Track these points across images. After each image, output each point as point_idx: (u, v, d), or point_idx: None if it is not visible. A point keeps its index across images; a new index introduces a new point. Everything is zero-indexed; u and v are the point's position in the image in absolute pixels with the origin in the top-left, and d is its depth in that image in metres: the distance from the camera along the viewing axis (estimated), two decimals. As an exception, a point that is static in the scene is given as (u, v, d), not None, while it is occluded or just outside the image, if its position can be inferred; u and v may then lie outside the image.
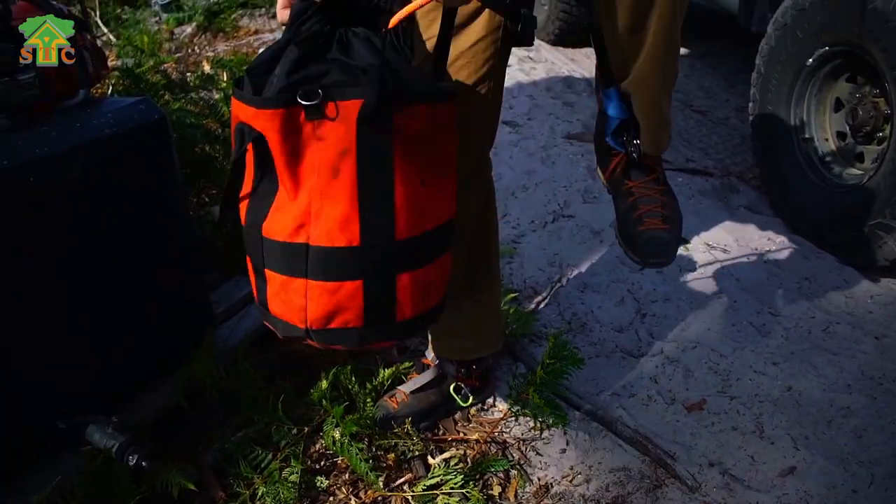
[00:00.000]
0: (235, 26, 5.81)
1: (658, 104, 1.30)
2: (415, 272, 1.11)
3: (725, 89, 3.66)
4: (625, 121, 1.33)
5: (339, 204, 1.04)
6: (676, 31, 1.22)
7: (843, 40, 2.18)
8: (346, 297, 1.07)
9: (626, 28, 1.19)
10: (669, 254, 1.37)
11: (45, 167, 1.35)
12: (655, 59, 1.22)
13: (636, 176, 1.40)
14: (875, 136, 2.21)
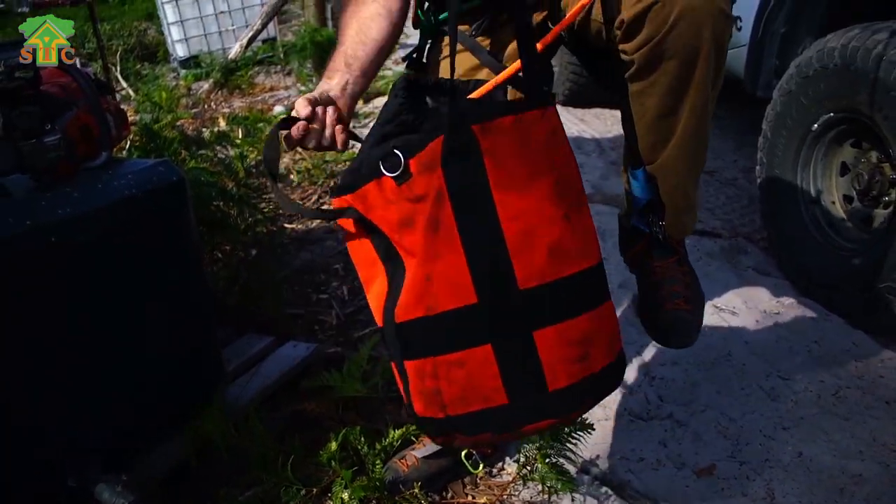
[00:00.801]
0: (251, 83, 5.94)
1: (684, 190, 1.30)
2: (559, 325, 0.96)
3: (733, 150, 3.70)
4: (650, 202, 1.35)
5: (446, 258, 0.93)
6: (706, 120, 1.21)
7: (846, 107, 2.22)
8: (477, 368, 0.95)
9: (657, 114, 1.19)
10: (692, 335, 1.36)
11: (68, 228, 1.39)
12: (684, 147, 1.22)
13: (660, 256, 1.40)
14: (881, 200, 2.23)
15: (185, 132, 3.92)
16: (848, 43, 2.16)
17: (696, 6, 1.05)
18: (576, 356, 0.97)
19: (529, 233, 0.93)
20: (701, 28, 1.07)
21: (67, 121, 1.53)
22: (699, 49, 1.09)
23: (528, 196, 0.94)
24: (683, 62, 1.10)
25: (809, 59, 2.33)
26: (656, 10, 1.06)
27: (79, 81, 1.62)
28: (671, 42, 1.07)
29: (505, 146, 0.93)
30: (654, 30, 1.07)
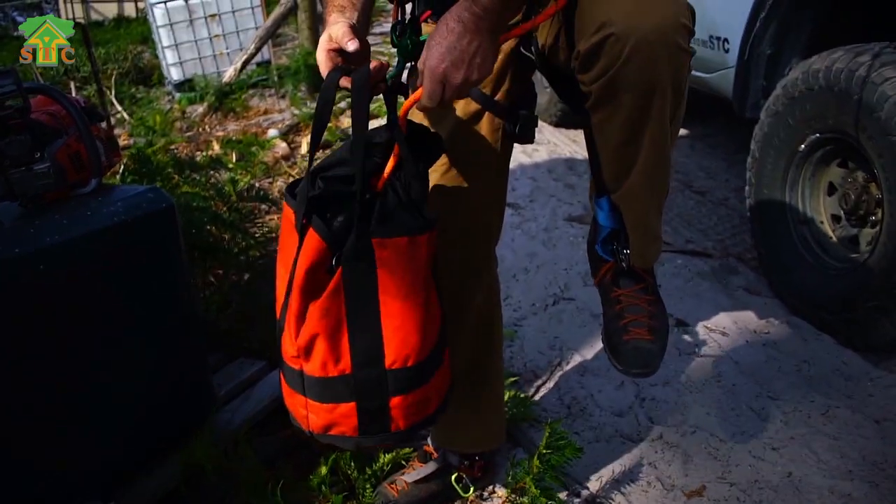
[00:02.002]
0: (246, 106, 5.97)
1: (646, 219, 1.30)
2: (408, 395, 1.19)
3: (725, 170, 3.73)
4: (615, 230, 1.34)
5: (332, 341, 1.15)
6: (667, 151, 1.22)
7: (832, 128, 2.24)
8: (341, 416, 1.18)
9: (617, 144, 1.20)
10: (652, 365, 1.36)
11: (56, 255, 1.40)
12: (645, 176, 1.22)
13: (625, 284, 1.39)
14: (868, 219, 2.25)
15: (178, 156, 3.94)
16: (832, 65, 2.19)
17: (651, 40, 1.05)
18: (415, 410, 1.21)
19: (400, 329, 1.15)
20: (656, 62, 1.06)
21: (57, 149, 1.54)
22: (655, 82, 1.08)
23: (405, 301, 1.15)
24: (640, 95, 1.10)
25: (795, 80, 2.35)
26: (611, 44, 1.05)
27: (69, 109, 1.63)
28: (626, 75, 1.07)
29: (395, 260, 1.14)
30: (608, 63, 1.07)
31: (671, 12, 1.06)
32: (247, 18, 7.45)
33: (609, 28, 1.04)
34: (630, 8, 1.05)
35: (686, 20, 1.08)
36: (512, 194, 3.40)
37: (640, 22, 1.04)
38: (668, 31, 1.05)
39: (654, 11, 1.05)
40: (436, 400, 1.26)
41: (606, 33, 1.05)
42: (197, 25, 7.29)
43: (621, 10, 1.05)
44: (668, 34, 1.06)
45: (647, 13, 1.04)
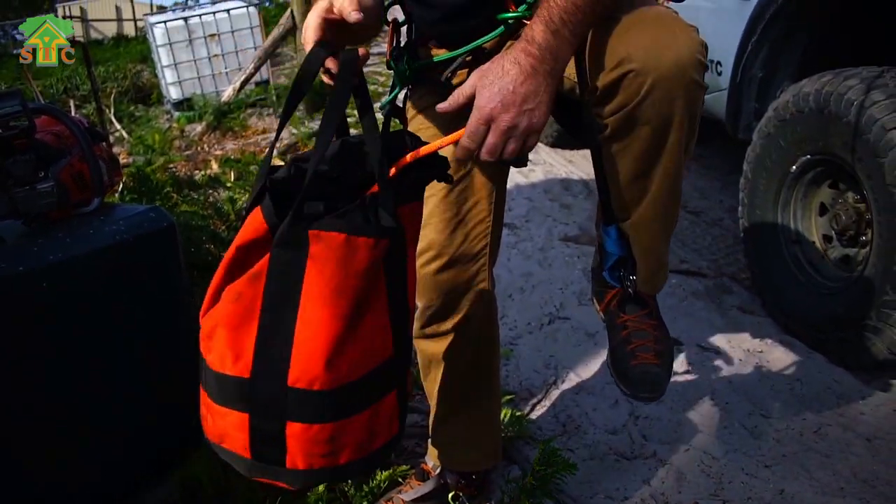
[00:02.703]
0: (244, 125, 6.01)
1: (656, 249, 1.32)
2: (311, 426, 0.99)
3: (719, 190, 3.76)
4: (622, 257, 1.37)
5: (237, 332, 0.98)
6: (679, 182, 1.23)
7: (822, 149, 2.28)
8: (232, 426, 1.01)
9: (630, 176, 1.21)
10: (660, 389, 1.38)
11: (59, 273, 1.42)
12: (656, 208, 1.24)
13: (631, 310, 1.42)
14: (859, 239, 2.28)
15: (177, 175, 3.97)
16: (822, 88, 2.23)
17: (669, 76, 1.07)
18: (318, 451, 1.00)
19: (313, 341, 0.96)
20: (674, 97, 1.09)
21: (61, 168, 1.57)
22: (672, 117, 1.11)
23: (327, 309, 0.97)
24: (656, 129, 1.12)
25: (786, 102, 2.39)
26: (630, 79, 1.08)
27: (73, 129, 1.66)
28: (645, 110, 1.09)
29: (326, 257, 0.96)
30: (627, 98, 1.09)
31: (688, 49, 1.08)
32: (246, 38, 7.53)
33: (629, 64, 1.06)
34: (649, 44, 1.07)
35: (702, 56, 1.10)
36: (508, 214, 3.43)
37: (660, 59, 1.06)
38: (687, 68, 1.08)
39: (673, 48, 1.07)
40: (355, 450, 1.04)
41: (626, 69, 1.07)
42: (196, 45, 7.35)
43: (640, 47, 1.07)
44: (687, 70, 1.08)
45: (665, 50, 1.07)
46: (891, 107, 2.01)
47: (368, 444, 1.05)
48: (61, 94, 8.52)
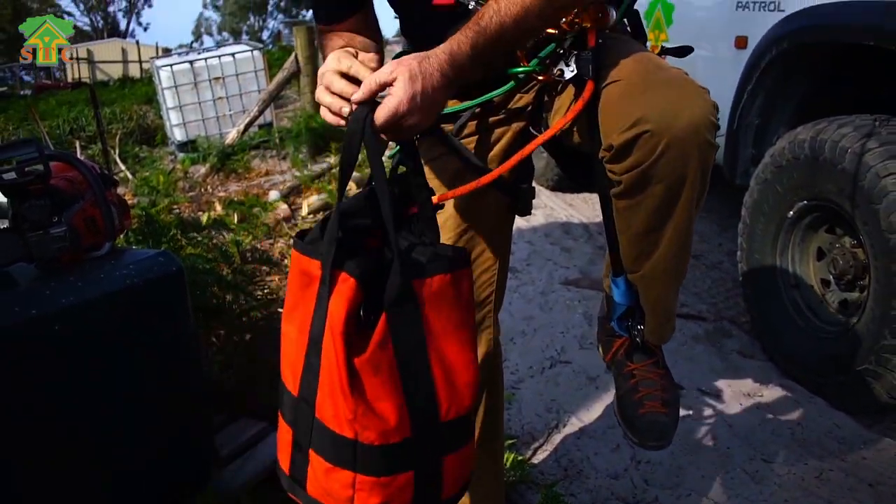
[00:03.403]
0: (248, 167, 6.07)
1: (665, 301, 1.33)
2: (460, 450, 1.08)
3: (718, 234, 3.81)
4: (630, 308, 1.39)
5: (388, 401, 1.01)
6: (689, 238, 1.25)
7: (818, 195, 2.32)
8: (397, 489, 1.03)
9: (642, 230, 1.22)
10: (667, 437, 1.40)
11: (71, 316, 1.44)
12: (667, 262, 1.25)
13: (638, 359, 1.44)
14: (857, 284, 2.31)
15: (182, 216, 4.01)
16: (817, 135, 2.28)
17: (684, 137, 1.09)
18: (461, 472, 1.09)
19: (451, 373, 1.04)
20: (688, 157, 1.11)
21: (74, 213, 1.60)
22: (685, 176, 1.13)
23: (453, 343, 1.05)
24: (670, 187, 1.14)
25: (782, 149, 2.44)
26: (645, 139, 1.09)
27: (86, 175, 1.69)
28: (659, 169, 1.11)
29: (441, 298, 1.04)
30: (642, 157, 1.11)
31: (702, 111, 1.10)
32: (250, 81, 7.64)
33: (644, 125, 1.09)
34: (664, 105, 1.09)
35: (714, 117, 1.12)
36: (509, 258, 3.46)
37: (675, 120, 1.08)
38: (700, 129, 1.10)
39: (687, 109, 1.09)
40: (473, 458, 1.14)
41: (641, 129, 1.09)
42: (201, 87, 7.46)
43: (656, 108, 1.09)
44: (700, 131, 1.10)
45: (680, 111, 1.09)
46: (884, 154, 2.05)
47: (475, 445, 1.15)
48: (67, 134, 8.61)
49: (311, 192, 4.94)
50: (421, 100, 1.08)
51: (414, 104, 1.07)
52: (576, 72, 1.22)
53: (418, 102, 1.08)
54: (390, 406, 1.00)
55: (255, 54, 7.69)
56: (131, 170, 6.60)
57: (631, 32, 1.44)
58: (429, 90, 1.08)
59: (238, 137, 6.63)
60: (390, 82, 1.08)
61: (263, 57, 7.85)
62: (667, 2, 3.29)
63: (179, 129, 7.40)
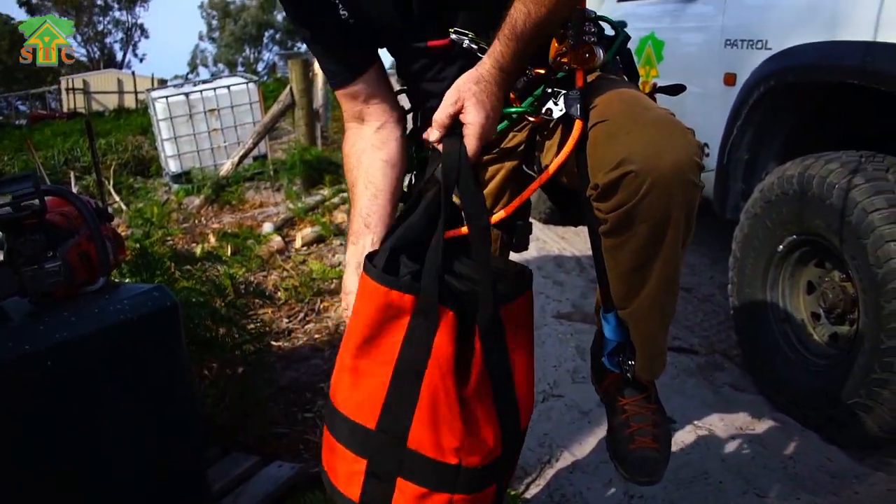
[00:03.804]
0: (242, 199, 6.09)
1: (654, 337, 1.35)
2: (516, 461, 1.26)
3: (709, 266, 3.83)
4: (621, 343, 1.40)
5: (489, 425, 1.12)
6: (677, 275, 1.27)
7: (807, 230, 2.35)
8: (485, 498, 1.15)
9: (629, 268, 1.24)
10: (658, 473, 1.40)
11: (64, 352, 1.44)
12: (654, 299, 1.26)
13: (629, 394, 1.46)
14: (846, 317, 2.32)
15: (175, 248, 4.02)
16: (805, 171, 2.31)
17: (668, 178, 1.11)
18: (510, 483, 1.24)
19: (525, 385, 1.17)
20: (672, 197, 1.13)
21: (69, 248, 1.61)
22: (670, 215, 1.15)
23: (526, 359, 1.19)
24: (655, 226, 1.16)
25: (772, 184, 2.48)
26: (629, 180, 1.12)
27: (81, 210, 1.71)
28: (643, 208, 1.13)
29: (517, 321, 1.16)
30: (627, 197, 1.13)
31: (686, 152, 1.13)
32: (245, 113, 7.70)
33: (628, 165, 1.11)
34: (648, 147, 1.12)
35: (699, 158, 1.15)
36: (502, 290, 3.46)
37: (659, 161, 1.11)
38: (684, 170, 1.12)
39: (671, 151, 1.12)
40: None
41: (626, 170, 1.11)
42: (196, 119, 7.51)
43: (640, 149, 1.12)
44: (684, 172, 1.12)
45: (664, 152, 1.11)
46: (870, 190, 2.09)
47: None
48: (62, 165, 8.65)
49: (305, 225, 4.96)
50: (494, 115, 1.17)
51: (490, 123, 1.17)
52: (564, 111, 1.24)
53: (493, 119, 1.17)
54: (490, 430, 1.11)
55: (250, 86, 7.76)
56: (126, 201, 6.62)
57: (623, 69, 1.47)
58: (496, 104, 1.18)
59: (232, 169, 6.66)
60: (459, 111, 1.16)
61: (258, 89, 7.92)
62: (657, 38, 3.35)
63: (174, 161, 7.43)
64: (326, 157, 6.49)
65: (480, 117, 1.14)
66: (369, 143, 1.45)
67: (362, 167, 1.42)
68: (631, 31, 1.43)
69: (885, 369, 2.05)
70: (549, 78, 1.28)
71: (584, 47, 1.25)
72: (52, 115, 21.47)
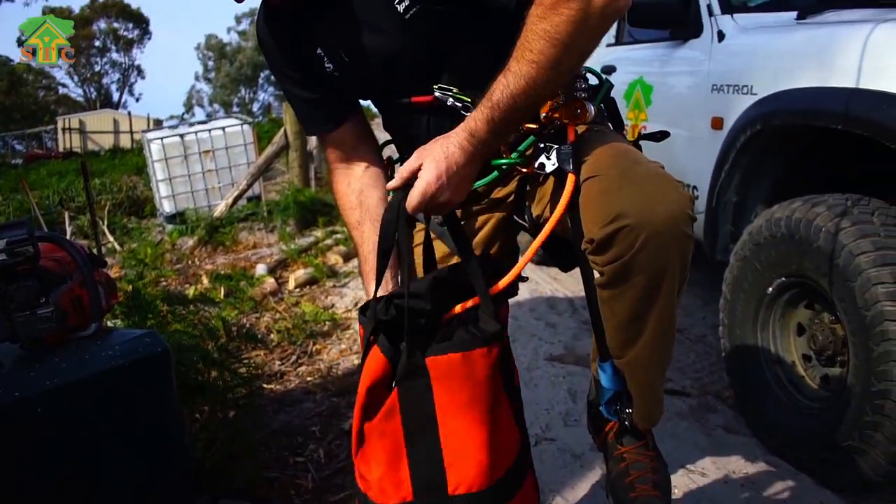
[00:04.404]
0: (235, 240, 6.10)
1: (651, 386, 1.35)
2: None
3: (701, 307, 3.84)
4: (618, 392, 1.41)
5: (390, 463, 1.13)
6: (673, 325, 1.28)
7: (796, 272, 2.36)
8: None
9: (625, 319, 1.25)
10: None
11: (54, 399, 1.44)
12: (651, 348, 1.27)
13: (628, 441, 1.45)
14: (837, 359, 2.33)
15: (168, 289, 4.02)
16: (792, 214, 2.33)
17: (662, 231, 1.14)
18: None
19: (462, 449, 1.13)
20: (667, 250, 1.15)
21: (61, 294, 1.62)
22: (666, 267, 1.17)
23: (465, 420, 1.14)
24: (651, 278, 1.18)
25: (760, 227, 2.50)
26: (625, 234, 1.14)
27: (74, 256, 1.72)
28: (639, 261, 1.16)
29: (451, 377, 1.14)
30: (622, 250, 1.15)
31: (679, 205, 1.16)
32: (239, 154, 7.76)
33: (623, 220, 1.14)
34: (642, 201, 1.14)
35: (690, 210, 1.17)
36: (494, 332, 3.46)
37: (653, 215, 1.13)
38: (678, 222, 1.15)
39: (664, 203, 1.14)
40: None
41: (621, 224, 1.14)
42: (191, 160, 7.56)
43: (634, 204, 1.14)
44: (678, 225, 1.15)
45: (657, 206, 1.14)
46: (857, 234, 2.11)
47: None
48: (57, 205, 8.66)
49: (298, 266, 4.97)
50: (447, 178, 1.19)
51: (441, 183, 1.19)
52: (557, 165, 1.27)
53: (445, 181, 1.19)
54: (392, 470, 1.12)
55: (244, 128, 7.83)
56: (120, 241, 6.63)
57: (608, 117, 1.50)
58: (454, 167, 1.20)
59: (227, 210, 6.69)
60: (418, 168, 1.20)
61: (253, 130, 7.99)
62: (646, 83, 3.41)
63: (168, 202, 7.46)
64: (320, 198, 6.53)
65: (430, 176, 1.18)
66: (365, 182, 1.49)
67: (364, 207, 1.47)
68: (620, 75, 1.48)
69: (877, 412, 2.05)
70: (541, 132, 1.31)
71: (575, 103, 1.28)
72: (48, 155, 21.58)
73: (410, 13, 1.27)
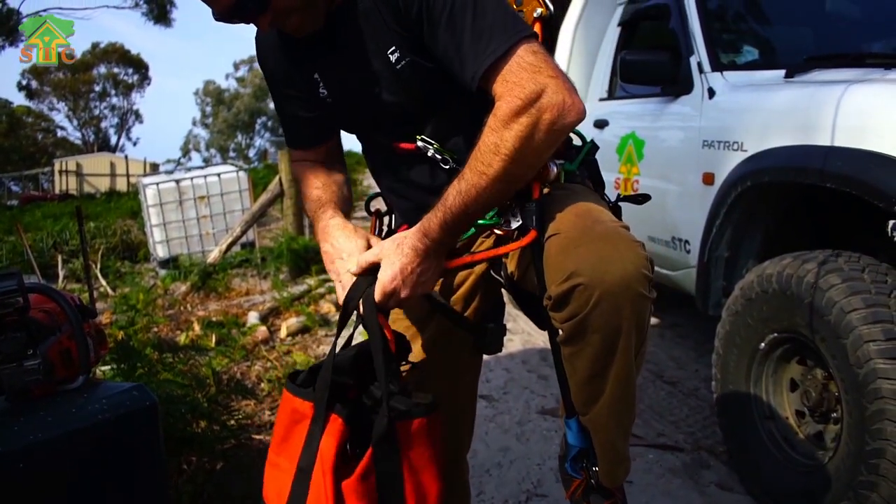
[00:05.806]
0: (228, 286, 6.09)
1: (614, 445, 1.35)
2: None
3: (694, 360, 3.83)
4: (583, 449, 1.40)
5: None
6: (632, 385, 1.28)
7: (788, 328, 2.36)
8: None
9: (585, 376, 1.26)
10: None
11: (38, 453, 1.42)
12: (611, 407, 1.27)
13: (595, 500, 1.44)
14: (830, 416, 2.32)
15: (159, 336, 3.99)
16: (783, 270, 2.35)
17: (615, 290, 1.15)
18: None
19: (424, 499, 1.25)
20: (621, 308, 1.16)
21: (49, 346, 1.60)
22: (620, 326, 1.18)
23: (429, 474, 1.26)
24: (606, 336, 1.19)
25: (751, 282, 2.51)
26: (579, 292, 1.16)
27: (63, 307, 1.71)
28: (594, 319, 1.17)
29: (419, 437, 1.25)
30: (577, 308, 1.17)
31: (633, 265, 1.16)
32: (234, 201, 7.80)
33: (577, 278, 1.15)
34: (596, 260, 1.16)
35: (647, 270, 1.18)
36: (486, 385, 3.45)
37: (605, 274, 1.14)
38: (631, 282, 1.16)
39: (619, 263, 1.16)
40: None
41: (575, 283, 1.15)
42: (186, 206, 7.59)
43: (587, 263, 1.16)
44: (631, 285, 1.16)
45: (610, 266, 1.15)
46: (847, 290, 2.12)
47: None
48: (51, 247, 8.66)
49: (290, 315, 4.95)
50: (402, 278, 1.30)
51: (396, 283, 1.30)
52: (521, 222, 1.29)
53: (400, 281, 1.30)
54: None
55: (240, 175, 7.89)
56: (112, 285, 6.60)
57: (589, 177, 1.52)
58: (407, 269, 1.30)
59: (220, 256, 6.68)
60: (377, 262, 1.32)
61: (248, 177, 8.04)
62: (638, 137, 3.45)
63: (162, 246, 7.47)
64: (314, 246, 6.52)
65: (386, 278, 1.30)
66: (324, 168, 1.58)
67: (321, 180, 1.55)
68: (613, 129, 1.51)
69: (872, 471, 2.03)
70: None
71: None
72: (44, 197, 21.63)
73: (401, 64, 1.32)
